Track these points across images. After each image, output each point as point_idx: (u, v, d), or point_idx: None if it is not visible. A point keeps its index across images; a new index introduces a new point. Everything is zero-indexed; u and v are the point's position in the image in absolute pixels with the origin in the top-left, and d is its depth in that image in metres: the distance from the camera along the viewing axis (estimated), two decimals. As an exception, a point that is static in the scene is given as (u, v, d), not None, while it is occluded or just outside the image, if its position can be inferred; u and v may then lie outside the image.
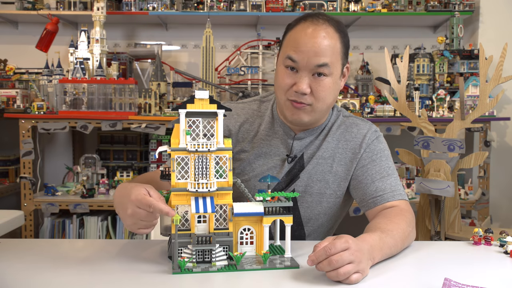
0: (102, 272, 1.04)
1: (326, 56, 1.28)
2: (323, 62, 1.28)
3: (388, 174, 1.37)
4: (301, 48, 1.28)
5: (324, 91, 1.31)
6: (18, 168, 3.15)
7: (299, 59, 1.28)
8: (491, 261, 1.16)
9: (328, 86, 1.31)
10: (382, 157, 1.40)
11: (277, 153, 1.43)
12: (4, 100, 3.04)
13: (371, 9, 3.13)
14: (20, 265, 1.08)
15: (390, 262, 1.14)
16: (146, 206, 1.04)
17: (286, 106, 1.34)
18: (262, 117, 1.47)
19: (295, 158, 1.42)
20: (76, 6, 3.09)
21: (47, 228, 3.00)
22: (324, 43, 1.28)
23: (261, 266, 1.05)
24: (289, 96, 1.32)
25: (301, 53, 1.28)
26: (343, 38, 1.34)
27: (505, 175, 3.27)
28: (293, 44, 1.30)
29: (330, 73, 1.30)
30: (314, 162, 1.41)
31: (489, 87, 1.85)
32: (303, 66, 1.29)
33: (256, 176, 1.42)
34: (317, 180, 1.41)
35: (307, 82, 1.29)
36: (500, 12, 3.30)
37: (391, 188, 1.35)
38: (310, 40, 1.28)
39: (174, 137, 1.08)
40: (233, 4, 3.14)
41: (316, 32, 1.29)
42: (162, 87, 3.05)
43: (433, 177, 1.75)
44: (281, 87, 1.33)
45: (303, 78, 1.29)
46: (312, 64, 1.28)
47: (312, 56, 1.27)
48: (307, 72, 1.29)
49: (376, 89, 3.29)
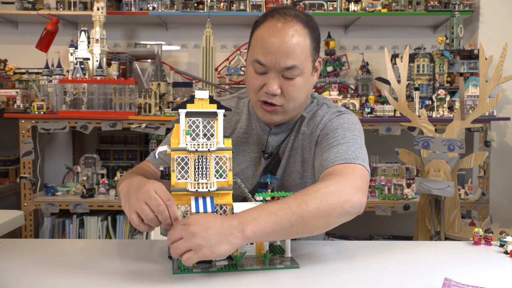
0: (102, 272, 1.04)
1: (295, 57, 1.24)
2: (291, 64, 1.24)
3: (338, 143, 1.25)
4: (269, 50, 1.24)
5: (294, 92, 1.28)
6: (18, 168, 3.15)
7: (267, 62, 1.25)
8: (491, 261, 1.16)
9: (299, 85, 1.28)
10: (337, 130, 1.29)
11: (254, 150, 1.42)
12: (4, 100, 3.04)
13: (371, 9, 3.13)
14: (20, 265, 1.08)
15: (390, 262, 1.14)
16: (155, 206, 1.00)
17: (257, 106, 1.33)
18: (239, 114, 1.47)
19: (272, 155, 1.41)
20: (76, 6, 3.09)
21: (47, 228, 3.00)
22: (293, 42, 1.24)
23: (261, 266, 1.05)
24: (260, 97, 1.30)
25: (269, 55, 1.24)
26: (313, 33, 1.29)
27: (505, 175, 3.27)
28: (261, 45, 1.26)
29: (300, 72, 1.27)
30: (286, 155, 1.39)
31: (489, 87, 1.85)
32: (272, 68, 1.26)
33: (236, 174, 1.40)
34: (291, 172, 1.39)
35: (277, 83, 1.27)
36: (500, 12, 3.30)
37: (336, 156, 1.21)
38: (278, 40, 1.23)
39: (174, 137, 1.08)
40: (233, 4, 3.14)
41: (284, 30, 1.24)
42: (162, 87, 3.05)
43: (433, 177, 1.75)
44: (252, 88, 1.31)
45: (273, 79, 1.26)
46: (281, 66, 1.25)
47: (280, 57, 1.24)
48: (277, 73, 1.26)
49: (376, 89, 3.29)
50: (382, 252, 1.21)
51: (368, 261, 1.15)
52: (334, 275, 1.03)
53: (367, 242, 1.34)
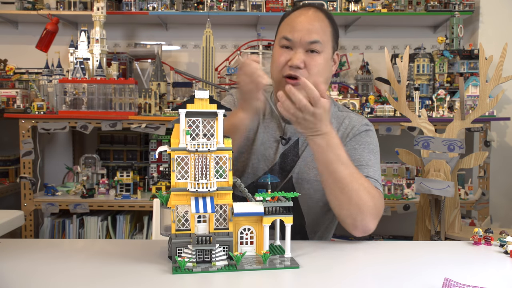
0: (102, 272, 1.04)
1: (318, 34, 1.42)
2: (315, 39, 1.41)
3: (367, 164, 1.41)
4: (295, 27, 1.42)
5: (316, 67, 1.42)
6: (18, 168, 3.15)
7: (293, 37, 1.42)
8: (491, 261, 1.16)
9: (320, 62, 1.43)
10: (365, 149, 1.45)
11: (273, 135, 1.54)
12: (4, 100, 3.04)
13: (371, 9, 3.13)
14: (20, 265, 1.08)
15: (390, 262, 1.14)
16: None
17: (281, 84, 1.42)
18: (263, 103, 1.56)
19: (289, 141, 1.51)
20: (76, 6, 3.09)
21: (47, 228, 3.00)
22: (316, 24, 1.43)
23: (261, 266, 1.05)
24: (284, 72, 1.43)
25: (295, 32, 1.42)
26: (333, 24, 1.48)
27: (505, 175, 3.27)
28: (288, 24, 1.45)
29: (322, 50, 1.43)
30: (310, 150, 1.45)
31: (489, 87, 1.85)
32: (297, 43, 1.42)
33: (254, 153, 1.52)
34: (313, 167, 1.47)
35: (301, 57, 1.41)
36: (500, 12, 3.30)
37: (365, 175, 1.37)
38: (304, 20, 1.43)
39: (174, 137, 1.08)
40: (233, 4, 3.14)
41: (309, 16, 1.44)
42: (162, 87, 3.05)
43: (433, 177, 1.75)
44: (277, 65, 1.45)
45: (298, 54, 1.42)
46: (305, 40, 1.41)
47: (305, 33, 1.41)
48: (301, 49, 1.42)
49: (376, 89, 3.29)
50: (382, 252, 1.21)
51: (368, 261, 1.15)
52: (334, 275, 1.03)
53: (367, 242, 1.34)
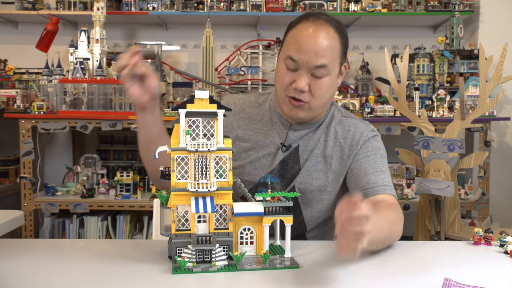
0: (102, 272, 1.04)
1: (325, 57, 1.34)
2: (321, 63, 1.34)
3: (381, 170, 1.41)
4: (302, 48, 1.33)
5: (321, 90, 1.37)
6: (18, 168, 3.15)
7: (299, 59, 1.34)
8: (491, 261, 1.16)
9: (326, 85, 1.37)
10: (377, 154, 1.44)
11: (272, 141, 1.48)
12: (4, 100, 3.04)
13: (371, 9, 3.13)
14: (20, 265, 1.08)
15: (390, 262, 1.14)
16: None
17: (285, 102, 1.41)
18: (259, 107, 1.54)
19: (289, 148, 1.47)
20: (76, 6, 3.09)
21: (47, 228, 3.00)
22: (324, 44, 1.33)
23: (261, 266, 1.05)
24: (288, 93, 1.38)
25: (302, 54, 1.33)
26: (342, 38, 1.39)
27: (505, 175, 3.27)
28: (294, 44, 1.36)
29: (328, 73, 1.36)
30: (313, 160, 1.46)
31: (489, 87, 1.85)
32: (303, 66, 1.34)
33: (250, 162, 1.47)
34: (316, 178, 1.45)
35: (306, 81, 1.35)
36: (500, 12, 3.30)
37: (383, 182, 1.38)
38: (311, 41, 1.33)
39: (174, 137, 1.08)
40: (233, 4, 3.14)
41: (317, 33, 1.34)
42: (162, 87, 3.05)
43: (433, 177, 1.75)
44: (281, 84, 1.39)
45: (303, 77, 1.35)
46: (312, 64, 1.34)
47: (312, 56, 1.33)
48: (306, 71, 1.35)
49: (376, 89, 3.29)
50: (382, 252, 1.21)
51: (368, 261, 1.15)
52: (334, 275, 1.03)
53: (367, 242, 1.34)
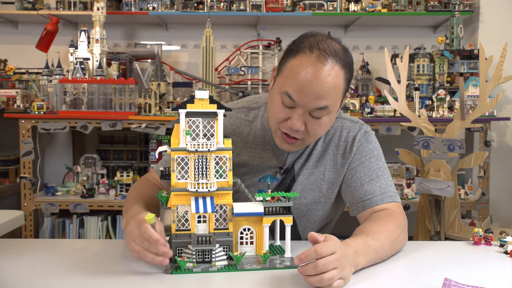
0: (102, 272, 1.04)
1: (328, 99, 1.21)
2: (323, 105, 1.21)
3: (377, 175, 1.33)
4: (302, 90, 1.19)
5: (318, 129, 1.26)
6: (18, 168, 3.15)
7: (298, 100, 1.20)
8: (491, 261, 1.16)
9: (324, 124, 1.26)
10: (371, 158, 1.36)
11: (269, 165, 1.38)
12: (4, 100, 3.03)
13: (371, 9, 3.13)
14: (20, 265, 1.08)
15: (390, 262, 1.14)
16: None
17: (277, 135, 1.30)
18: (250, 126, 1.41)
19: (287, 171, 1.39)
20: (76, 6, 3.09)
21: (47, 228, 3.00)
22: (327, 86, 1.19)
23: (261, 266, 1.06)
24: (282, 128, 1.26)
25: (302, 94, 1.19)
26: (347, 73, 1.26)
27: (505, 175, 3.26)
28: (294, 80, 1.20)
29: (329, 112, 1.24)
30: (306, 173, 1.38)
31: (489, 87, 1.85)
32: (301, 106, 1.21)
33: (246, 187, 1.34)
34: (310, 190, 1.39)
35: (303, 121, 1.23)
36: (500, 12, 3.30)
37: (381, 191, 1.31)
38: (314, 82, 1.18)
39: (174, 137, 1.08)
40: (233, 4, 3.14)
41: (320, 73, 1.18)
42: (162, 87, 3.05)
43: (433, 177, 1.75)
44: (275, 118, 1.27)
45: (299, 116, 1.22)
46: (312, 106, 1.21)
47: (312, 99, 1.20)
48: (304, 111, 1.22)
49: (376, 89, 3.29)
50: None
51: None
52: (334, 275, 1.03)
53: (367, 242, 1.34)
